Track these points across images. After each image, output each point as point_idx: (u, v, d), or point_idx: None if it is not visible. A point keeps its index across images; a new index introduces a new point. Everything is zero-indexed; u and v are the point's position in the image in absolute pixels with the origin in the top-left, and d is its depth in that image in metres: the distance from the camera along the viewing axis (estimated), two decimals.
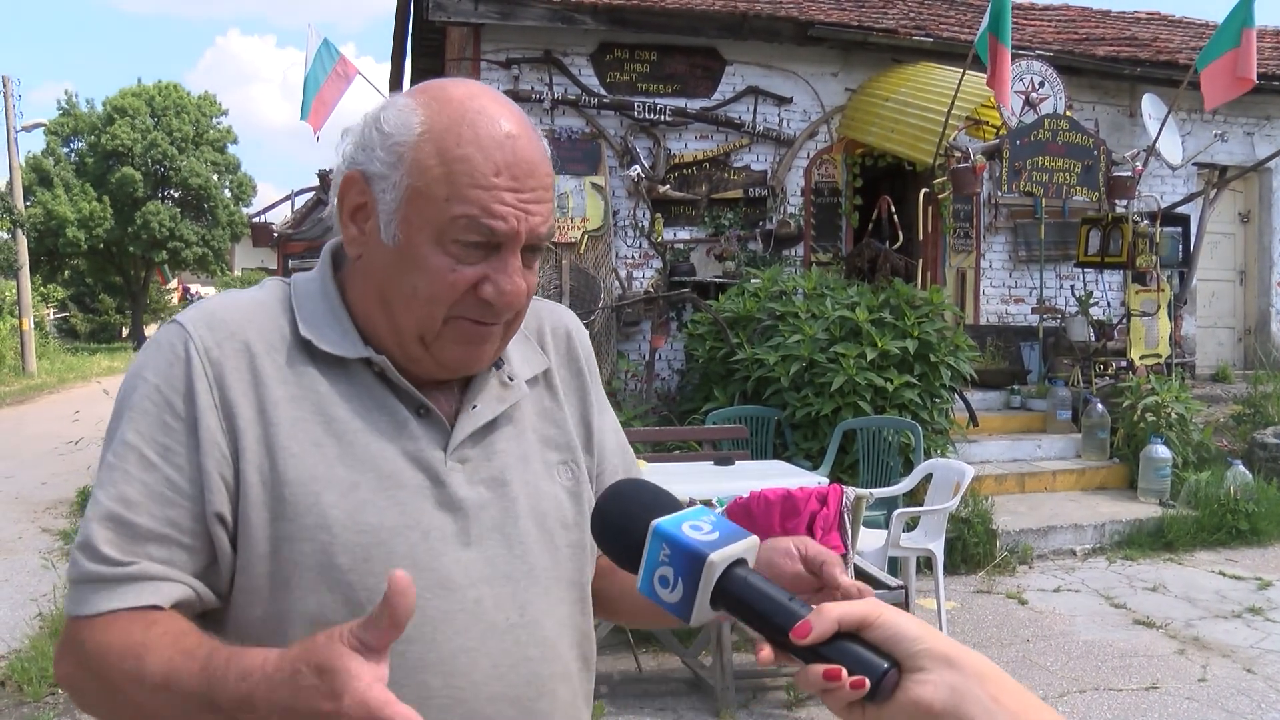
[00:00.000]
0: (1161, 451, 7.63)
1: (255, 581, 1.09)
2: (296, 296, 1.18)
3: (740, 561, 0.89)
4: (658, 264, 9.32)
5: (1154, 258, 8.88)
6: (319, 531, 1.07)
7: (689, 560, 0.88)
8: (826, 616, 0.83)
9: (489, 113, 1.10)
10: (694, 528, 0.90)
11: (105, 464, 1.07)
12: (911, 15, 10.49)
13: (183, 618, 1.05)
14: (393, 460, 1.13)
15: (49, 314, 35.78)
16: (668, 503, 0.95)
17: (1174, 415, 7.97)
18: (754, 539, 0.92)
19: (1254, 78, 8.16)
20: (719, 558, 0.87)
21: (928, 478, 5.84)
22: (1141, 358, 8.82)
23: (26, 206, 26.53)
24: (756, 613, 0.87)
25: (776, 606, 0.86)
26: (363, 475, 1.11)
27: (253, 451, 1.08)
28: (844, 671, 0.80)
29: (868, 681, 0.80)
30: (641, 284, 9.29)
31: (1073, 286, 10.32)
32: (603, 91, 9.21)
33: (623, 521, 0.95)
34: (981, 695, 0.79)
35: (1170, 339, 9.22)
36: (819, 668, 0.81)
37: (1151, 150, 9.30)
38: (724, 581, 0.88)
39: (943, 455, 6.98)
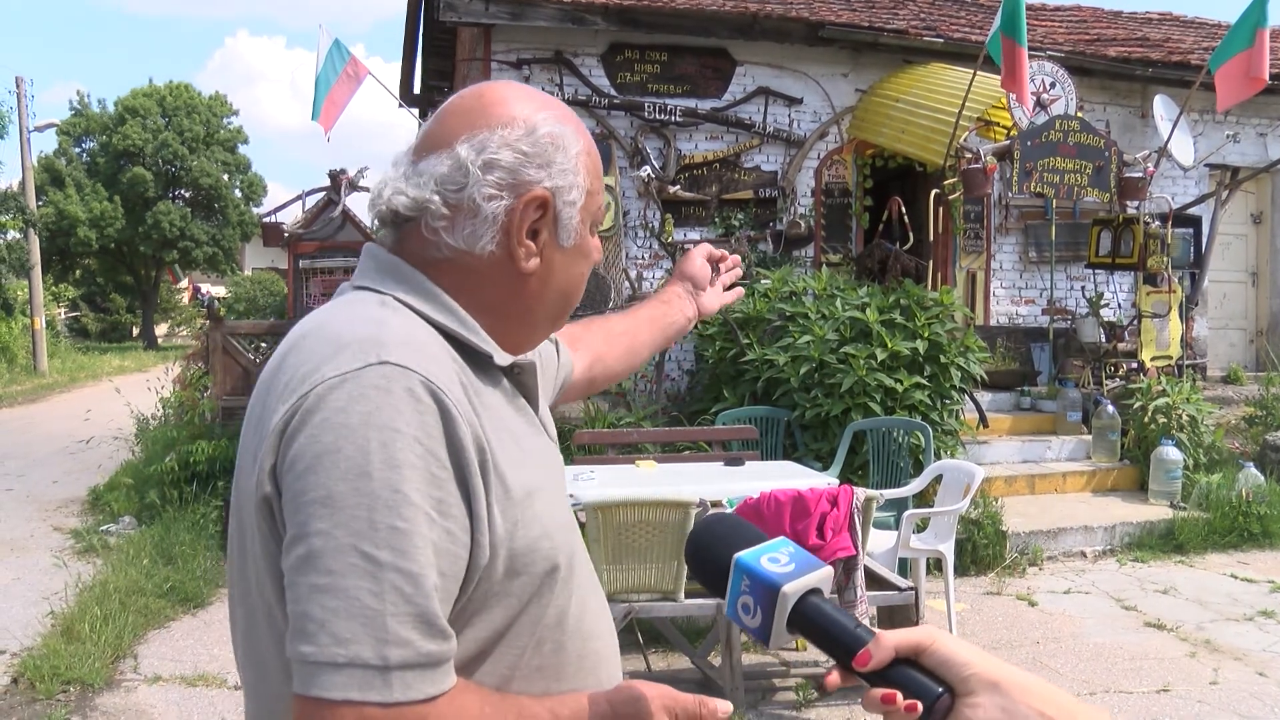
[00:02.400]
0: (1172, 453, 7.61)
1: (478, 606, 1.09)
2: (435, 311, 1.15)
3: (815, 591, 0.97)
4: (668, 264, 9.32)
5: (1165, 259, 8.84)
6: (543, 540, 1.13)
7: (765, 591, 0.96)
8: (884, 645, 0.90)
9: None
10: (772, 560, 0.98)
11: (390, 528, 0.97)
12: (922, 16, 10.48)
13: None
14: (549, 457, 1.25)
15: (60, 313, 35.93)
16: (751, 536, 1.03)
17: (1185, 417, 7.94)
18: (828, 569, 0.99)
19: (1266, 78, 8.12)
20: (792, 589, 0.95)
21: (938, 479, 5.83)
22: (1152, 359, 8.79)
23: (38, 206, 26.64)
24: (826, 639, 0.95)
25: (844, 633, 0.94)
26: (543, 478, 1.18)
27: (492, 481, 1.07)
28: (899, 695, 0.88)
29: (920, 705, 0.87)
30: (652, 285, 9.29)
31: (1083, 288, 10.29)
32: (613, 92, 9.21)
33: (711, 553, 1.04)
34: (1030, 715, 0.85)
35: (1181, 340, 9.19)
36: (878, 691, 0.89)
37: (1163, 151, 9.26)
38: (798, 609, 0.96)
39: (953, 456, 6.97)
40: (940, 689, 0.88)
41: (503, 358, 1.18)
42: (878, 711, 0.89)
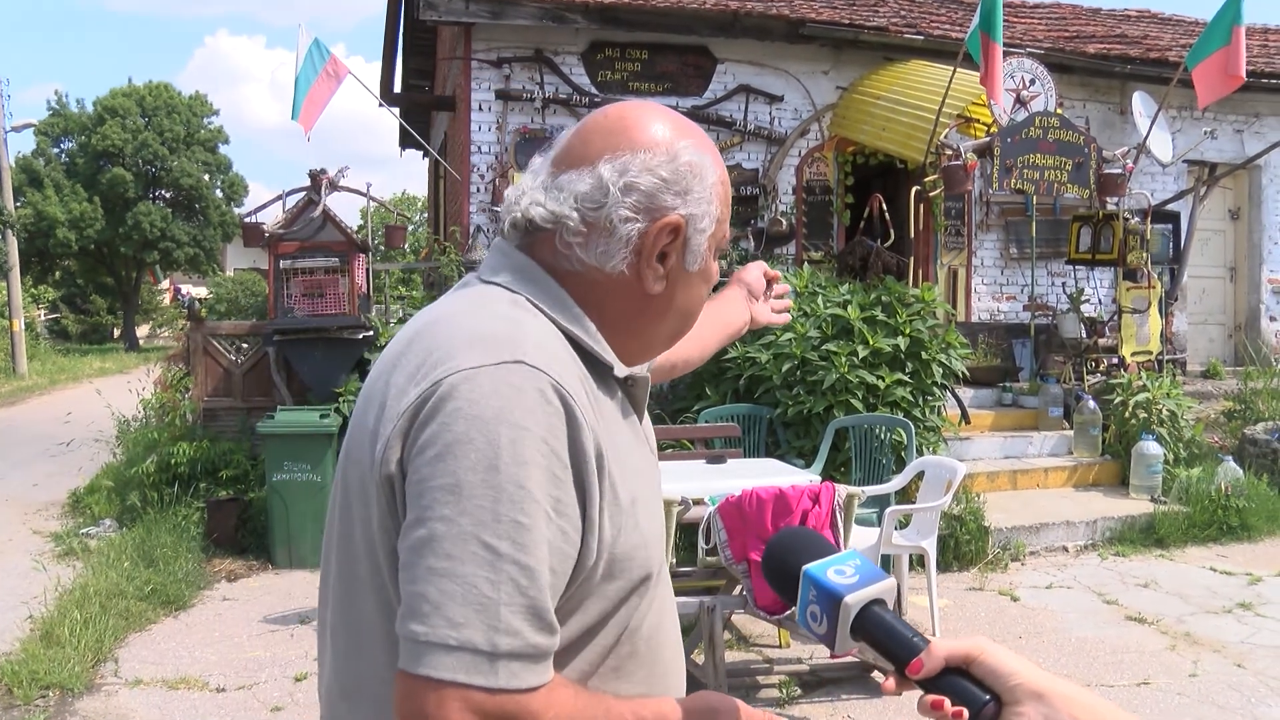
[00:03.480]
0: (1153, 448, 7.65)
1: (575, 604, 1.12)
2: (564, 318, 1.18)
3: (878, 601, 1.03)
4: None
5: (1145, 255, 8.90)
6: (641, 549, 1.17)
7: (830, 601, 1.03)
8: (935, 655, 0.97)
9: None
10: (838, 572, 1.04)
11: (514, 522, 1.01)
12: (903, 13, 10.50)
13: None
14: (650, 468, 1.29)
15: (40, 315, 35.65)
16: (822, 549, 1.10)
17: (1165, 412, 7.99)
18: (891, 580, 1.06)
19: (1244, 75, 8.18)
20: (854, 600, 1.02)
21: (920, 475, 5.85)
22: (1133, 354, 8.84)
23: (17, 207, 26.45)
24: (885, 647, 1.01)
25: (901, 642, 1.00)
26: (645, 488, 1.21)
27: (606, 487, 1.11)
28: (946, 702, 0.94)
29: (966, 712, 0.94)
30: None
31: (1064, 284, 10.35)
32: (594, 90, 9.20)
33: (783, 564, 1.11)
34: None
35: (1161, 336, 9.24)
36: (928, 697, 0.96)
37: (1142, 148, 9.32)
38: (861, 617, 1.02)
39: (935, 453, 6.98)
40: (987, 697, 0.94)
41: (621, 369, 1.22)
42: (929, 716, 0.95)
